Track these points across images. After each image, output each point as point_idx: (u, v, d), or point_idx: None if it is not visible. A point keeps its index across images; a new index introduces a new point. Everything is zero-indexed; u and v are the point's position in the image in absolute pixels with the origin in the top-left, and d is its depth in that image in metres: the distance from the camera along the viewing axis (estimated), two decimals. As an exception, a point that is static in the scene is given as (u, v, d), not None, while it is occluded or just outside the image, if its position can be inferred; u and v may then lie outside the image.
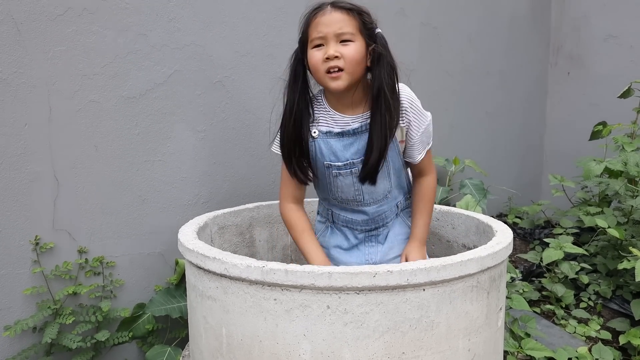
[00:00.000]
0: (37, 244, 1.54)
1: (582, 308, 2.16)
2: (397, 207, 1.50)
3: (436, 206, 1.76)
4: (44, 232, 1.56)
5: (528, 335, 1.82)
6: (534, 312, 2.12)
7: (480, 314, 1.19)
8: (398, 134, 1.38)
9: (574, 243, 2.30)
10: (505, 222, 2.87)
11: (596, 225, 2.23)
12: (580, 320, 2.08)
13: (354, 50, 1.27)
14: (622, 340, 1.91)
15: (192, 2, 1.77)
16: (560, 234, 2.38)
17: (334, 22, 1.25)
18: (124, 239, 1.71)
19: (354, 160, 1.37)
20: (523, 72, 3.24)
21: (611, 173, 2.45)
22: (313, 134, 1.38)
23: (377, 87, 1.30)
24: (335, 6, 1.27)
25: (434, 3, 2.63)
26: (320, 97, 1.41)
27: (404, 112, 1.36)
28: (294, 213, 1.45)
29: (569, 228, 2.45)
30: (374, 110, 1.32)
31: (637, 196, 2.31)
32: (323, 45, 1.27)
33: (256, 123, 1.97)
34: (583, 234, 2.56)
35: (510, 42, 3.12)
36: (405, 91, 1.37)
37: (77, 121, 1.58)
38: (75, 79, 1.57)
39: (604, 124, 2.66)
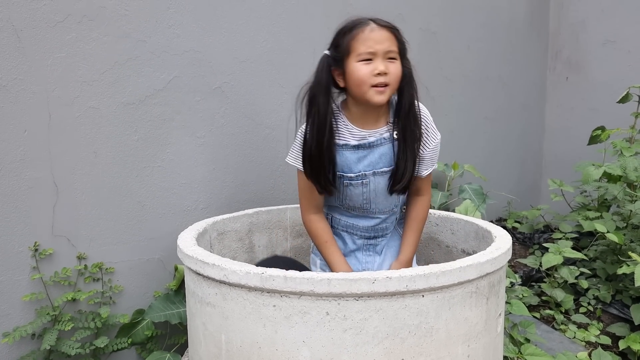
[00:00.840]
0: (36, 250, 1.54)
1: (581, 313, 2.16)
2: (396, 219, 1.55)
3: (435, 211, 1.76)
4: (43, 239, 1.56)
5: (528, 340, 1.82)
6: (534, 317, 2.12)
7: (479, 319, 1.19)
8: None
9: (573, 248, 2.30)
10: (505, 227, 2.87)
11: (595, 229, 2.23)
12: (579, 325, 2.08)
13: (398, 68, 1.33)
14: (621, 345, 1.90)
15: (192, 8, 1.78)
16: (560, 239, 2.38)
17: (383, 39, 1.30)
18: (123, 244, 1.70)
19: (365, 172, 1.41)
20: (522, 77, 3.25)
21: (610, 178, 2.46)
22: None
23: (408, 103, 1.37)
24: (381, 24, 1.31)
25: (433, 8, 2.65)
26: (337, 110, 1.42)
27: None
28: (317, 224, 1.47)
29: (568, 233, 2.46)
30: (405, 126, 1.38)
31: (635, 201, 2.32)
32: (371, 59, 1.30)
33: (255, 129, 1.97)
34: (582, 239, 2.56)
35: (509, 47, 3.13)
36: (421, 108, 1.42)
37: (76, 127, 1.58)
38: (74, 86, 1.57)
39: (602, 128, 2.67)
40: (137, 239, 1.73)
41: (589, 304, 2.20)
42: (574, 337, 1.98)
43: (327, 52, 1.38)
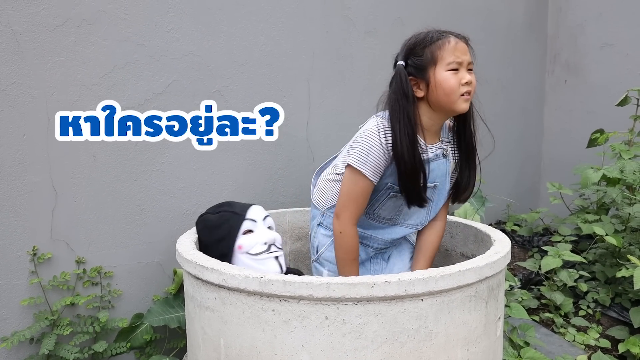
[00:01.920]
0: (34, 254, 1.54)
1: (581, 316, 2.15)
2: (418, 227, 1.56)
3: (434, 215, 1.76)
4: (42, 243, 1.55)
5: (527, 344, 1.81)
6: (533, 320, 2.11)
7: (478, 323, 1.19)
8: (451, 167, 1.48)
9: (572, 251, 2.30)
10: (504, 230, 2.87)
11: (594, 232, 2.23)
12: (579, 329, 2.08)
13: (475, 79, 1.38)
14: (621, 348, 1.90)
15: (191, 12, 1.78)
16: (559, 242, 2.38)
17: (466, 51, 1.35)
18: (122, 248, 1.70)
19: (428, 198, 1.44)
20: (521, 80, 3.26)
21: (609, 181, 2.46)
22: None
23: (472, 123, 1.44)
24: (461, 37, 1.37)
25: (432, 12, 2.65)
26: None
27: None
28: (354, 239, 1.41)
29: (567, 236, 2.46)
30: (468, 136, 1.45)
31: (634, 204, 2.32)
32: (457, 69, 1.33)
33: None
34: (581, 242, 2.56)
35: (508, 51, 3.13)
36: None
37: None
38: (73, 90, 1.57)
39: (601, 131, 2.67)
40: (136, 243, 1.73)
41: (588, 307, 2.20)
42: (574, 341, 1.98)
43: (401, 62, 1.37)
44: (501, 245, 1.33)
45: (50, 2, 1.51)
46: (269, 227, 1.47)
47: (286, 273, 1.40)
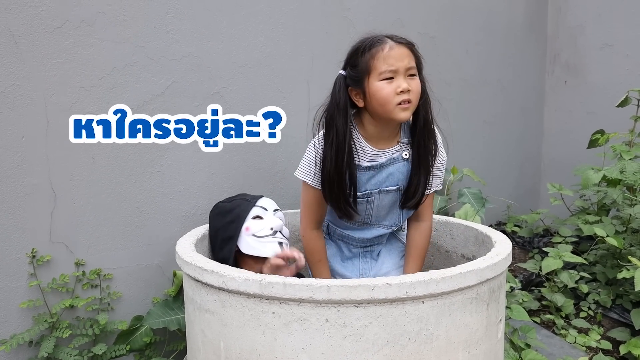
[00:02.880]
0: (33, 256, 1.53)
1: (582, 317, 2.15)
2: (395, 231, 1.55)
3: (435, 216, 1.75)
4: (41, 245, 1.55)
5: (528, 345, 1.81)
6: (534, 322, 2.11)
7: (480, 325, 1.18)
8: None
9: (573, 252, 2.30)
10: (504, 231, 2.86)
11: (595, 234, 2.23)
12: (580, 330, 2.07)
13: (418, 84, 1.32)
14: (622, 350, 1.90)
15: (190, 13, 1.78)
16: (559, 243, 2.38)
17: (403, 56, 1.29)
18: (121, 250, 1.70)
19: (372, 191, 1.41)
20: (520, 80, 3.25)
21: (609, 181, 2.45)
22: None
23: (424, 119, 1.36)
24: (399, 41, 1.30)
25: (432, 13, 2.65)
26: (355, 131, 1.40)
27: None
28: (315, 241, 1.47)
29: (568, 237, 2.45)
30: (420, 141, 1.37)
31: (635, 205, 2.31)
32: (392, 78, 1.28)
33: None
34: (582, 243, 2.55)
35: (508, 51, 3.13)
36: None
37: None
38: (72, 91, 1.57)
39: (601, 132, 2.66)
40: (136, 245, 1.72)
41: (589, 308, 2.19)
42: (575, 342, 1.98)
43: (342, 72, 1.36)
44: (502, 247, 1.33)
45: (49, 4, 1.51)
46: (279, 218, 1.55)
47: None
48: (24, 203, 1.51)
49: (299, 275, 1.51)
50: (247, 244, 1.47)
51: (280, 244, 1.49)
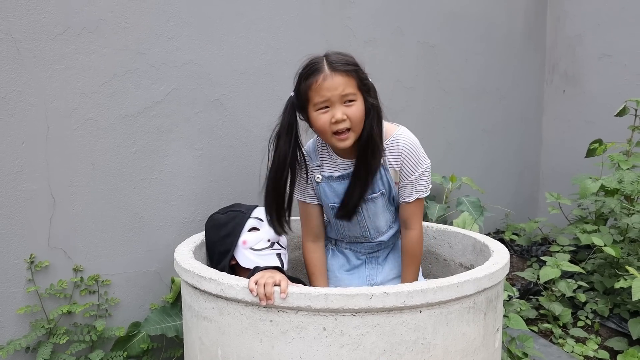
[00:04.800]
0: (32, 262, 1.53)
1: (579, 327, 2.15)
2: (398, 232, 1.55)
3: (433, 225, 1.76)
4: (39, 251, 1.55)
5: (526, 355, 1.81)
6: (532, 331, 2.11)
7: (477, 335, 1.19)
8: (393, 175, 1.41)
9: (570, 261, 2.30)
10: (502, 239, 2.87)
11: (592, 243, 2.23)
12: (578, 340, 2.07)
13: (358, 109, 1.30)
14: (619, 359, 1.90)
15: (191, 21, 1.79)
16: (557, 252, 2.38)
17: (336, 85, 1.27)
18: (120, 257, 1.70)
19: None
20: (519, 90, 3.27)
21: (607, 191, 2.46)
22: (317, 179, 1.44)
23: (367, 134, 1.34)
24: (335, 69, 1.28)
25: (431, 22, 2.66)
26: (324, 143, 1.44)
27: (399, 155, 1.39)
28: (311, 253, 1.51)
29: (566, 246, 2.45)
30: (361, 156, 1.36)
31: (632, 214, 2.32)
32: (328, 107, 1.29)
33: (254, 141, 1.97)
34: (580, 252, 2.56)
35: (507, 61, 3.14)
36: (404, 135, 1.40)
37: (74, 139, 1.58)
38: (73, 97, 1.57)
39: (599, 141, 2.68)
40: (134, 251, 1.72)
41: (587, 317, 2.19)
42: (572, 352, 1.97)
43: (292, 94, 1.38)
44: (499, 257, 1.33)
45: (51, 11, 1.51)
46: None
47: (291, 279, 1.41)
48: (23, 208, 1.51)
49: (297, 281, 1.51)
50: (246, 257, 1.47)
51: (279, 255, 1.49)
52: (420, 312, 1.09)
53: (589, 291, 2.32)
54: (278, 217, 1.43)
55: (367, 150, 1.34)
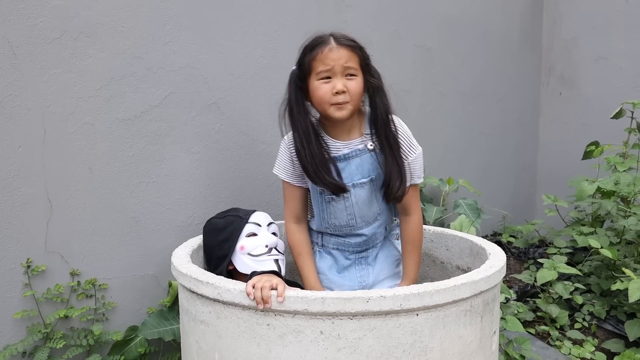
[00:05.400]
0: (28, 266, 1.53)
1: (576, 329, 2.15)
2: (386, 229, 1.54)
3: (430, 227, 1.76)
4: (36, 255, 1.55)
5: (523, 357, 1.81)
6: (529, 333, 2.11)
7: (474, 338, 1.19)
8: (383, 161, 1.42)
9: (567, 263, 2.31)
10: (500, 241, 2.87)
11: (589, 245, 2.24)
12: (575, 342, 2.07)
13: (358, 84, 1.35)
14: (617, 361, 1.90)
15: (188, 25, 1.79)
16: (554, 254, 2.39)
17: (341, 57, 1.32)
18: (117, 260, 1.70)
19: (346, 185, 1.41)
20: (516, 92, 3.28)
21: (604, 193, 2.47)
22: None
23: (384, 113, 1.38)
24: (340, 43, 1.34)
25: (428, 25, 2.67)
26: (316, 122, 1.45)
27: None
28: (295, 235, 1.51)
29: (563, 248, 2.46)
30: (383, 137, 1.39)
31: (629, 216, 2.33)
32: (330, 77, 1.33)
33: (251, 144, 1.98)
34: (577, 254, 2.56)
35: (503, 63, 3.16)
36: (396, 122, 1.43)
37: (71, 143, 1.58)
38: (70, 102, 1.57)
39: (596, 144, 2.68)
40: (131, 255, 1.72)
41: (583, 319, 2.20)
42: (569, 354, 1.98)
43: (294, 67, 1.42)
44: (496, 259, 1.33)
45: (47, 15, 1.52)
46: (273, 233, 1.54)
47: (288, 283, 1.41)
48: (19, 213, 1.51)
49: (294, 285, 1.51)
50: (244, 263, 1.47)
51: (276, 261, 1.49)
52: (417, 315, 1.09)
53: (586, 293, 2.32)
54: (331, 177, 1.39)
55: (387, 128, 1.38)
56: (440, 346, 1.12)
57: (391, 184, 1.40)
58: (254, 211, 1.58)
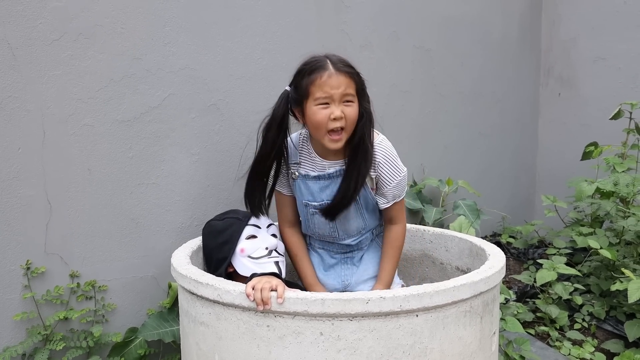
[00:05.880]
0: (28, 268, 1.53)
1: (576, 329, 2.16)
2: (372, 234, 1.58)
3: (429, 228, 1.76)
4: (36, 257, 1.54)
5: (523, 358, 1.81)
6: (529, 333, 2.11)
7: (473, 339, 1.19)
8: (368, 181, 1.46)
9: (567, 263, 2.31)
10: (499, 242, 2.87)
11: (588, 245, 2.24)
12: (574, 342, 2.08)
13: (354, 111, 1.36)
14: (616, 362, 1.90)
15: (188, 26, 1.79)
16: (554, 254, 2.39)
17: (340, 84, 1.33)
18: (116, 262, 1.70)
19: (327, 202, 1.45)
20: (515, 93, 3.28)
21: (603, 194, 2.47)
22: (293, 176, 1.48)
23: (358, 138, 1.39)
24: (339, 69, 1.34)
25: (427, 26, 2.68)
26: (306, 141, 1.48)
27: (377, 164, 1.43)
28: (290, 237, 1.56)
29: (562, 248, 2.46)
30: (352, 158, 1.40)
31: (628, 217, 2.33)
32: (328, 103, 1.33)
33: (250, 146, 1.98)
34: (576, 254, 2.57)
35: (502, 64, 3.16)
36: (383, 145, 1.44)
37: (71, 145, 1.58)
38: (69, 103, 1.57)
39: (595, 144, 2.69)
40: (131, 257, 1.72)
41: (583, 320, 2.20)
42: (569, 354, 1.98)
43: (288, 88, 1.42)
44: (496, 260, 1.33)
45: (47, 16, 1.52)
46: (272, 235, 1.54)
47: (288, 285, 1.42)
48: (19, 214, 1.51)
49: (294, 286, 1.51)
50: (244, 265, 1.47)
51: (277, 263, 1.49)
52: (417, 316, 1.09)
53: (585, 294, 2.33)
54: (258, 204, 1.49)
55: (358, 153, 1.39)
56: (440, 347, 1.12)
57: (336, 204, 1.42)
58: None
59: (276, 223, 1.64)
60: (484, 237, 3.03)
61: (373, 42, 2.41)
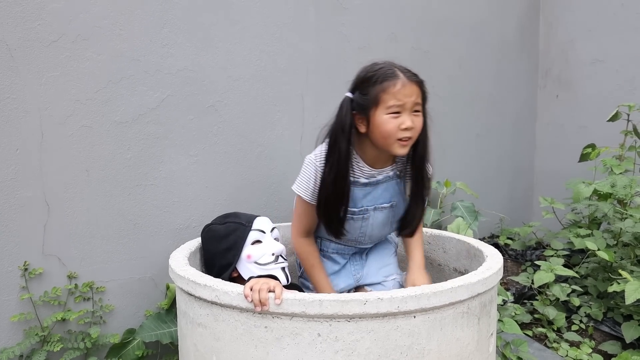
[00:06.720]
0: (26, 269, 1.53)
1: (573, 331, 2.16)
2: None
3: (427, 230, 1.77)
4: (33, 258, 1.54)
5: (520, 359, 1.81)
6: (526, 335, 2.12)
7: (471, 340, 1.19)
8: (407, 188, 1.48)
9: (564, 265, 2.31)
10: (497, 244, 2.88)
11: (586, 247, 2.24)
12: (572, 344, 2.08)
13: (421, 121, 1.37)
14: (613, 363, 1.91)
15: (186, 28, 1.80)
16: (551, 256, 2.39)
17: (412, 93, 1.31)
18: (114, 263, 1.69)
19: (367, 207, 1.45)
20: (512, 94, 3.29)
21: (600, 195, 2.48)
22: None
23: (422, 154, 1.42)
24: (411, 79, 1.32)
25: (425, 28, 2.68)
26: (352, 150, 1.43)
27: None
28: (306, 247, 1.51)
29: (560, 250, 2.47)
30: (418, 175, 1.43)
31: (625, 218, 2.33)
32: (399, 112, 1.31)
33: (249, 147, 1.98)
34: (574, 256, 2.57)
35: (500, 66, 3.17)
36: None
37: (69, 146, 1.58)
38: (68, 104, 1.57)
39: (592, 146, 2.69)
40: (129, 258, 1.72)
41: (580, 321, 2.20)
42: (567, 356, 1.98)
43: (349, 94, 1.38)
44: (493, 261, 1.34)
45: (45, 18, 1.52)
46: (275, 239, 1.53)
47: (287, 286, 1.41)
48: (17, 215, 1.51)
49: (293, 287, 1.52)
50: (250, 271, 1.44)
51: (283, 269, 1.48)
52: (415, 317, 1.09)
53: (583, 295, 2.33)
54: (338, 218, 1.41)
55: (422, 168, 1.42)
56: (438, 348, 1.13)
57: (409, 222, 1.46)
58: (255, 217, 1.54)
59: (277, 225, 1.64)
60: (482, 239, 3.04)
61: (371, 44, 2.41)
